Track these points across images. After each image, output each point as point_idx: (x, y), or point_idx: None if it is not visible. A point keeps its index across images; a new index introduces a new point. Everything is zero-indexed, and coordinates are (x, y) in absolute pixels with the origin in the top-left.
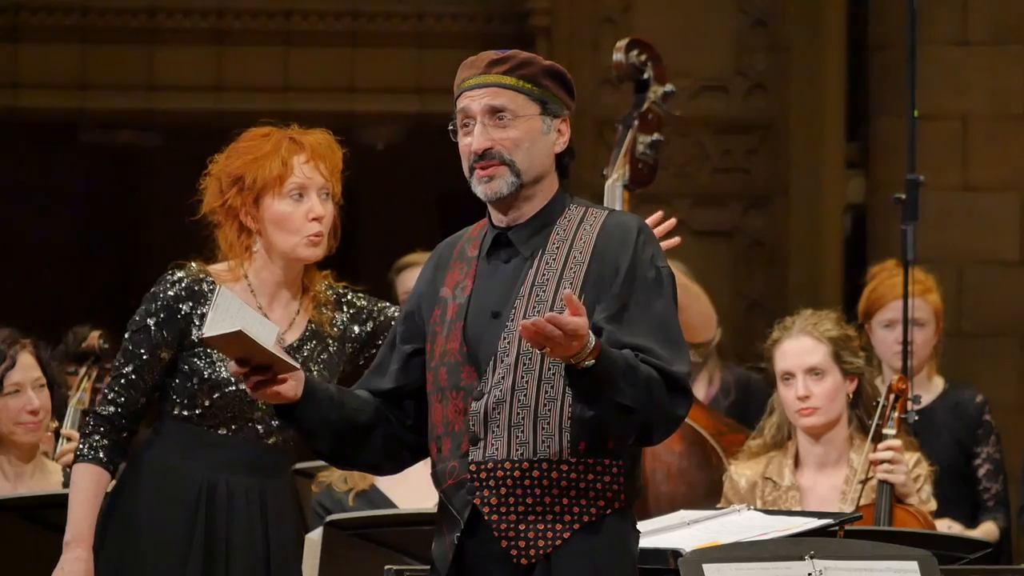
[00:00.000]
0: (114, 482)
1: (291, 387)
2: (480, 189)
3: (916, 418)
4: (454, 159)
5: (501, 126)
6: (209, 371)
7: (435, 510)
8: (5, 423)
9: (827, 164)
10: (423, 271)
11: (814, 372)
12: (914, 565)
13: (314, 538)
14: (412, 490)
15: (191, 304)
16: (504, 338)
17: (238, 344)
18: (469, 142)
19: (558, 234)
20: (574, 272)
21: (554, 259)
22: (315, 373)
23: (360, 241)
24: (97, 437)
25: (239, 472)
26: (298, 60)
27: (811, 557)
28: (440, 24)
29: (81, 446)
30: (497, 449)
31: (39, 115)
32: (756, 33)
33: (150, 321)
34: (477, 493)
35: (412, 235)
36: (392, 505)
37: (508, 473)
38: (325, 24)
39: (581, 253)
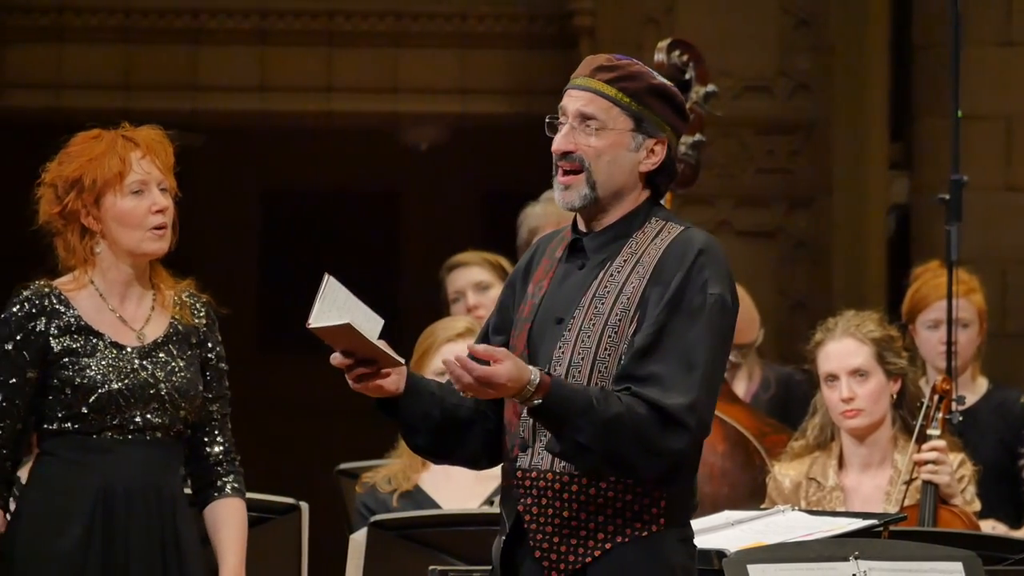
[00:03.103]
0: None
1: (393, 381)
2: (556, 195)
3: (960, 419)
4: (497, 159)
5: (588, 133)
6: (79, 379)
7: (479, 511)
8: None
9: (871, 164)
10: (521, 260)
11: (858, 373)
12: (959, 566)
13: (358, 539)
14: (456, 490)
15: (44, 320)
16: (559, 347)
17: (344, 336)
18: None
19: (630, 247)
20: (632, 288)
21: (619, 272)
22: (183, 368)
23: (403, 241)
24: None
25: (133, 474)
26: (341, 60)
27: (855, 558)
28: (483, 25)
29: None
30: (543, 458)
31: (83, 116)
32: (800, 33)
33: (8, 346)
34: (521, 500)
35: (455, 235)
36: (436, 506)
37: (549, 484)
38: (368, 24)
39: (644, 268)
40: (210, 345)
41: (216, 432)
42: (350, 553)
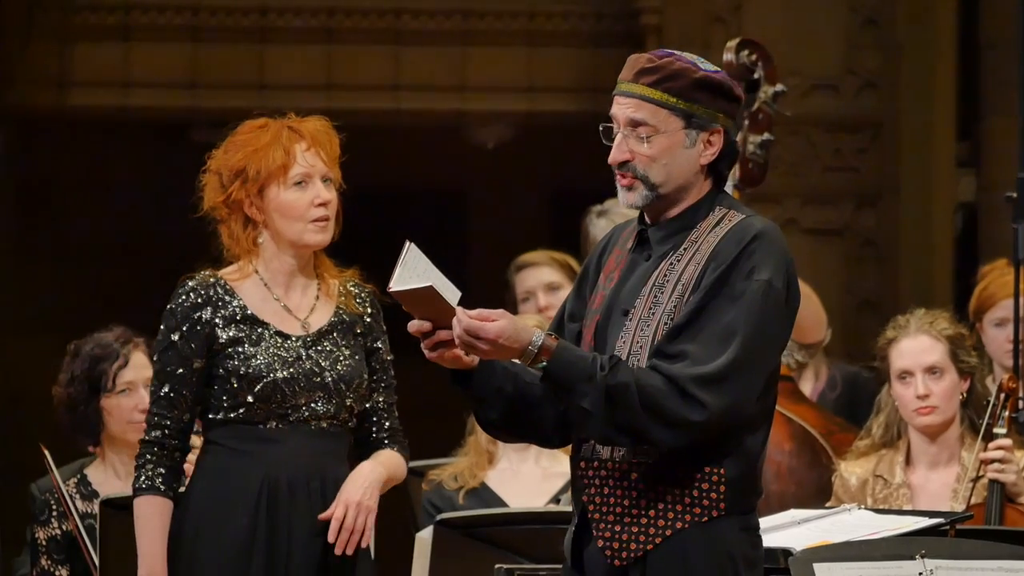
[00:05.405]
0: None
1: None
2: (619, 196)
3: None
4: (564, 158)
5: (640, 140)
6: (244, 367)
7: (545, 509)
8: (117, 422)
9: (938, 163)
10: (595, 247)
11: (933, 371)
12: None
13: (424, 537)
14: (522, 488)
15: (210, 310)
16: (621, 336)
17: (425, 301)
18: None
19: (692, 237)
20: (689, 275)
21: (679, 261)
22: (347, 357)
23: (470, 240)
24: (151, 466)
25: (298, 464)
26: (408, 59)
27: (922, 556)
28: (551, 23)
29: (137, 477)
30: (603, 447)
31: (150, 114)
32: (866, 32)
33: (174, 336)
34: (585, 490)
35: (522, 234)
36: (502, 503)
37: (610, 473)
38: (435, 23)
39: (701, 255)
40: (375, 335)
41: (384, 420)
42: (416, 551)
